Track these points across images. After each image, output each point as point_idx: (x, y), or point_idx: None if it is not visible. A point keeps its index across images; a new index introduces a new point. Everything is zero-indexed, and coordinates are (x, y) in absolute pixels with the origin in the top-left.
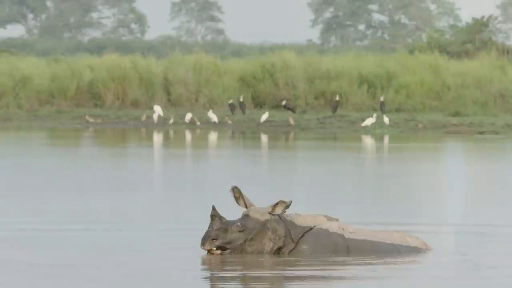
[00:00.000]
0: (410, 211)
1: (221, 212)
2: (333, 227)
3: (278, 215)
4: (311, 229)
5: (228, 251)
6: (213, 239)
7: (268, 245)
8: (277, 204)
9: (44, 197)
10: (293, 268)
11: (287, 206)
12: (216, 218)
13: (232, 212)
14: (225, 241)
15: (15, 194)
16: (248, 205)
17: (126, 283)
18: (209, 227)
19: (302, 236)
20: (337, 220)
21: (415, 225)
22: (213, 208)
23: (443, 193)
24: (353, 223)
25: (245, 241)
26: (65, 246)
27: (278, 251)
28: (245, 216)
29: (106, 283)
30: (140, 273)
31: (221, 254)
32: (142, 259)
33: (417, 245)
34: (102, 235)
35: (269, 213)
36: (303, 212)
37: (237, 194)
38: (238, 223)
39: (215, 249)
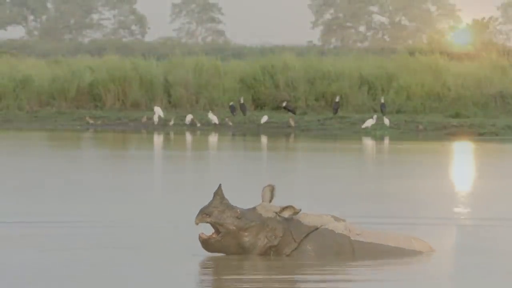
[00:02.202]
0: (411, 212)
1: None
2: (339, 227)
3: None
4: (316, 229)
5: (220, 235)
6: (206, 214)
7: (262, 241)
8: (286, 207)
9: (44, 198)
10: (295, 272)
11: (295, 213)
12: (217, 197)
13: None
14: (218, 221)
15: (15, 194)
16: (262, 201)
17: (123, 284)
18: (209, 203)
19: (306, 235)
20: (344, 221)
21: (415, 225)
22: (219, 187)
23: (443, 194)
24: (353, 222)
25: (239, 229)
26: (64, 246)
27: (276, 250)
28: (252, 208)
29: (104, 283)
30: (137, 275)
31: (209, 238)
32: (139, 260)
33: (422, 249)
34: (101, 236)
35: (276, 213)
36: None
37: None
38: (238, 210)
39: (206, 235)
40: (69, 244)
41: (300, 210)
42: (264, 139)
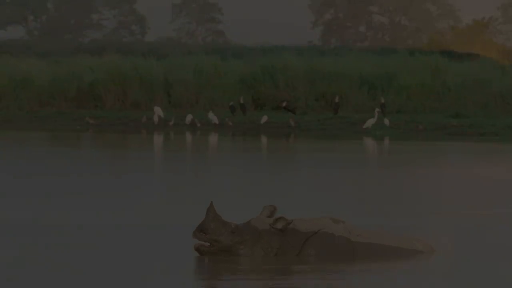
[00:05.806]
0: (412, 211)
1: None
2: (339, 229)
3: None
4: (315, 233)
5: (214, 248)
6: (202, 231)
7: (259, 253)
8: (278, 219)
9: (43, 197)
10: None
11: (288, 224)
12: (210, 213)
13: (229, 216)
14: (213, 238)
15: (15, 194)
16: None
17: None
18: (203, 220)
19: (305, 241)
20: (343, 222)
21: (416, 224)
22: (211, 204)
23: (443, 193)
24: (352, 222)
25: (235, 243)
26: (64, 247)
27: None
28: (246, 222)
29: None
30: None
31: (201, 246)
32: (139, 260)
33: (423, 248)
34: (100, 235)
35: (270, 225)
36: (311, 214)
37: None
38: (232, 224)
39: (199, 243)
40: (68, 243)
41: (292, 220)
42: (264, 139)
